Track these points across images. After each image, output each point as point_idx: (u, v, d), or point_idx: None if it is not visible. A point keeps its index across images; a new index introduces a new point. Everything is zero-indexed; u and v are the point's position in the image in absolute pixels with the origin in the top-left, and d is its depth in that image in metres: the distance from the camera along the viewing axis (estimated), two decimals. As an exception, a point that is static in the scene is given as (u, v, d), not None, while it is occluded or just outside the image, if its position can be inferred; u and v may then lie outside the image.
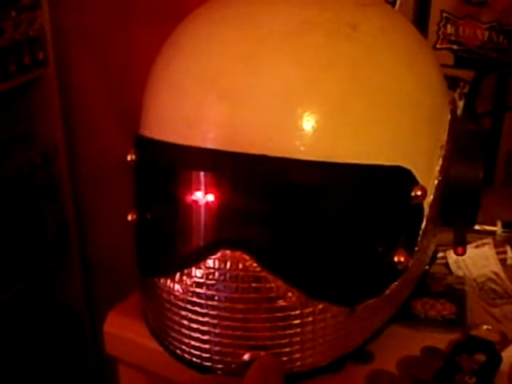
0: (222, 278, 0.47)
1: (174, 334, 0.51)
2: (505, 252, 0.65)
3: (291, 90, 0.46)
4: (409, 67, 0.50)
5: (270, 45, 0.47)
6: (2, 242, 1.20)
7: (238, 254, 0.47)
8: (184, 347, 0.51)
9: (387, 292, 0.50)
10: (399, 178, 0.48)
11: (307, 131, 0.45)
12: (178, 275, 0.49)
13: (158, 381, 0.58)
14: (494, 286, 0.62)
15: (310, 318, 0.48)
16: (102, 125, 1.26)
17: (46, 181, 1.29)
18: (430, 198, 0.50)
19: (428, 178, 0.50)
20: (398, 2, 0.77)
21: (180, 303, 0.49)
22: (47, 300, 1.37)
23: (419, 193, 0.49)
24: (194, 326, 0.49)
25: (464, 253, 0.55)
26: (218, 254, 0.47)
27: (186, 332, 0.50)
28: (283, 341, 0.48)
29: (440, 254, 0.63)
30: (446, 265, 0.64)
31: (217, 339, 0.49)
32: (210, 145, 0.47)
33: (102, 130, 1.27)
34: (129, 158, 0.54)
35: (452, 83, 0.76)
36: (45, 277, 1.32)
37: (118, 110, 1.22)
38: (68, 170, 1.31)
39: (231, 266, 0.47)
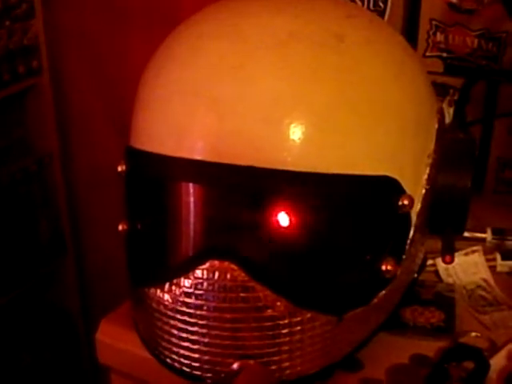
0: (210, 288, 0.47)
1: (164, 343, 0.51)
2: (494, 259, 0.65)
3: (278, 101, 0.46)
4: (396, 78, 0.50)
5: (258, 56, 0.47)
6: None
7: (226, 264, 0.47)
8: (174, 356, 0.51)
9: (375, 300, 0.50)
10: (386, 188, 0.49)
11: (294, 142, 0.46)
12: (167, 285, 0.49)
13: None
14: (483, 293, 0.62)
15: (299, 327, 0.48)
16: (96, 132, 1.27)
17: (41, 188, 1.30)
18: (417, 206, 0.51)
19: (415, 187, 0.51)
20: (387, 11, 0.78)
21: (169, 313, 0.49)
22: (43, 305, 1.37)
23: (406, 202, 0.49)
24: (184, 335, 0.49)
25: (452, 261, 0.55)
26: (207, 265, 0.47)
27: (176, 341, 0.50)
28: (272, 350, 0.48)
29: (430, 262, 0.63)
30: (436, 272, 0.64)
31: (206, 348, 0.49)
32: (198, 156, 0.47)
33: (96, 137, 1.27)
34: (119, 168, 0.54)
35: (442, 90, 0.77)
36: (40, 282, 1.32)
37: (113, 117, 1.22)
38: (63, 177, 1.31)
39: (219, 276, 0.47)
